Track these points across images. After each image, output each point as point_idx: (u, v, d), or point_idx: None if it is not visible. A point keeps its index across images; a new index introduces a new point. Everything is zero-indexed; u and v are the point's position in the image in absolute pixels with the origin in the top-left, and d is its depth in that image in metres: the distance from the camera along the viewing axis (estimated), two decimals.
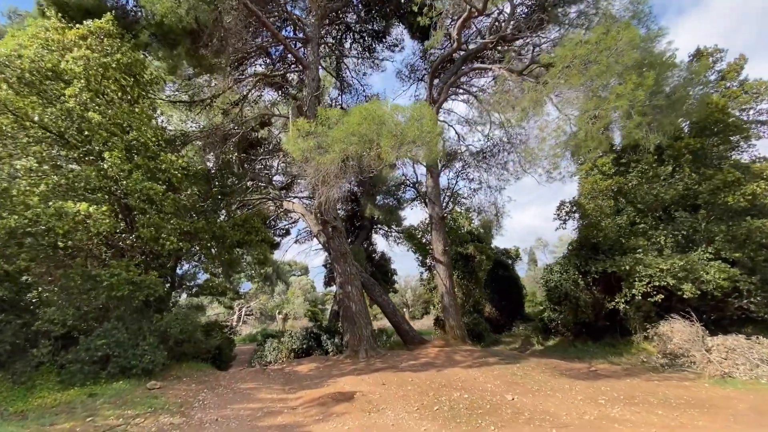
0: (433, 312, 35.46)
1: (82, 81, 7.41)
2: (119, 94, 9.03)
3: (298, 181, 21.14)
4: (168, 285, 11.47)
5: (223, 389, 7.49)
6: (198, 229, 9.64)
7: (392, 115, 6.66)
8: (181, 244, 9.05)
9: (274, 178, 21.71)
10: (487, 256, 17.41)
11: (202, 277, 17.63)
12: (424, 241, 20.76)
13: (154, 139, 9.27)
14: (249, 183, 18.50)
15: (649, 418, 5.63)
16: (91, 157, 7.97)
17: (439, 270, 12.26)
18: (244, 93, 14.92)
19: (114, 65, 7.65)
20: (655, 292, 9.53)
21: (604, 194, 10.81)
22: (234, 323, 39.13)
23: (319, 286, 47.44)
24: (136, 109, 8.46)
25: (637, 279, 9.65)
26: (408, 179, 19.52)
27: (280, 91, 18.38)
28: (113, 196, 8.32)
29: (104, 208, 7.41)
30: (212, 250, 12.78)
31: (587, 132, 7.43)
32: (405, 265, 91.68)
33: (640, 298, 9.70)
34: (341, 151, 6.35)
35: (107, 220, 7.48)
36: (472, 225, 20.16)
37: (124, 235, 9.17)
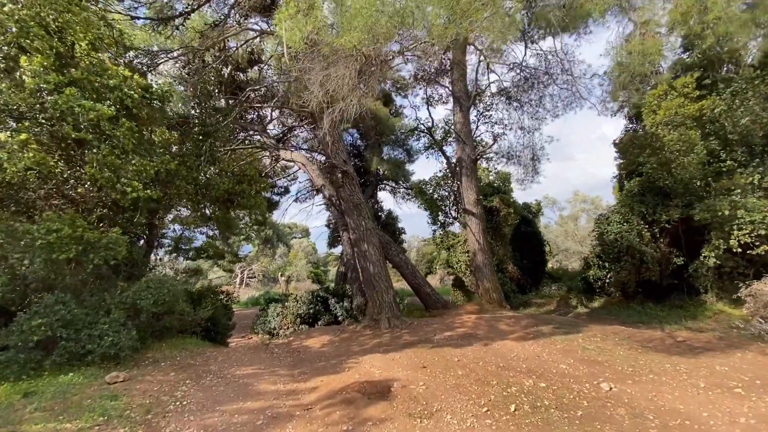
0: (439, 271, 34.18)
1: None
2: None
3: (296, 129, 18.69)
4: (145, 246, 9.51)
5: (213, 378, 5.66)
6: (171, 172, 7.45)
7: None
8: (150, 192, 6.91)
9: (269, 126, 19.11)
10: (514, 210, 15.39)
11: (200, 239, 15.77)
12: (436, 196, 18.78)
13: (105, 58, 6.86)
14: (241, 135, 16.14)
15: None
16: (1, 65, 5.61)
17: (471, 223, 10.24)
18: (225, 12, 12.09)
19: None
20: (757, 243, 7.55)
21: (688, 123, 8.49)
22: (236, 286, 38.17)
23: (320, 247, 46.27)
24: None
25: (736, 227, 7.64)
26: (422, 124, 16.98)
27: (269, 18, 15.45)
28: (44, 124, 6.02)
29: (23, 136, 5.17)
30: (204, 209, 10.72)
31: (722, 10, 5.03)
32: (407, 224, 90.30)
33: (739, 250, 7.74)
34: (366, 31, 4.03)
35: (31, 155, 5.28)
36: (490, 177, 18.06)
37: (72, 181, 6.99)
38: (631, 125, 15.28)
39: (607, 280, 10.97)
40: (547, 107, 13.41)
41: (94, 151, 5.97)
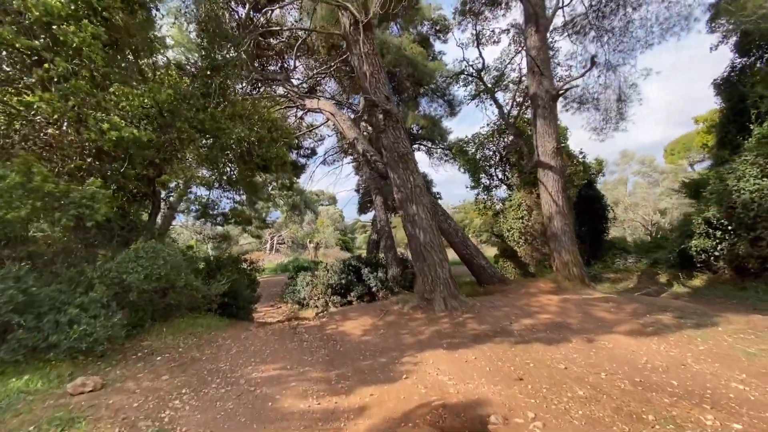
0: (472, 236, 32.07)
1: None
2: None
3: (322, 79, 16.60)
4: (150, 205, 8.02)
5: (220, 384, 4.08)
6: (163, 104, 5.67)
7: None
8: (137, 132, 5.20)
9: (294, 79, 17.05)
10: (584, 168, 12.89)
11: (228, 205, 14.58)
12: (478, 156, 16.53)
13: None
14: (261, 88, 14.40)
15: None
16: None
17: (547, 179, 8.01)
18: None
19: None
20: None
21: None
22: (266, 252, 38.09)
23: (347, 215, 45.47)
24: None
25: None
26: (470, 66, 14.27)
27: None
28: None
29: None
30: (222, 164, 9.08)
31: None
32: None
33: None
34: None
35: None
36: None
37: (39, 117, 5.37)
38: (739, 59, 12.26)
39: (716, 253, 8.63)
40: (637, 35, 10.49)
41: (45, 66, 4.21)
